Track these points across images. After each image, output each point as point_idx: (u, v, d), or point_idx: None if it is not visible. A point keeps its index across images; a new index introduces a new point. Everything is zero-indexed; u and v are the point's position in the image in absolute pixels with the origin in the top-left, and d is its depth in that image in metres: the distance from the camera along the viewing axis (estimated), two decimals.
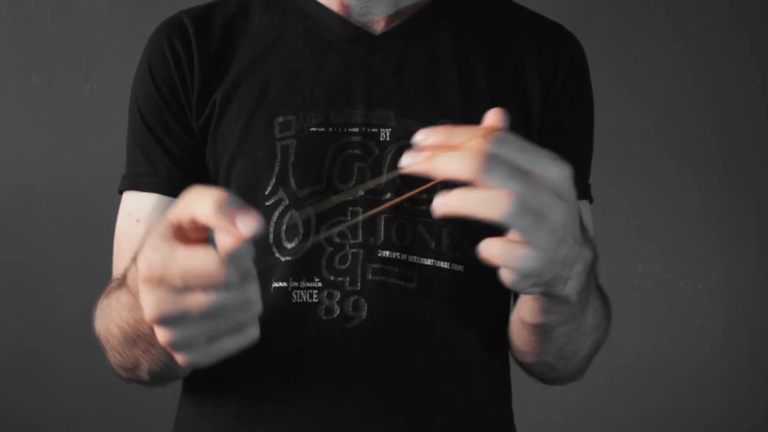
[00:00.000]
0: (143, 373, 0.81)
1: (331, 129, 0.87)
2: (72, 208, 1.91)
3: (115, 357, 0.82)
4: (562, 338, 0.79)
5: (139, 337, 0.74)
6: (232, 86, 0.90)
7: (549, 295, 0.68)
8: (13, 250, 1.90)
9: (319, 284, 0.85)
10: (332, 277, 0.85)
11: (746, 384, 2.01)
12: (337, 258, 0.85)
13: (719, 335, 2.01)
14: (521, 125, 0.90)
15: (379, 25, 0.91)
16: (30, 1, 1.91)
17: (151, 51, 0.93)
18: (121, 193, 0.94)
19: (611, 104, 1.96)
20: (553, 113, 0.91)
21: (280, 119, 0.88)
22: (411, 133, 0.86)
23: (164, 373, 0.81)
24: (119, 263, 0.92)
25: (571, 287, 0.66)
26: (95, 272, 1.87)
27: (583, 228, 0.64)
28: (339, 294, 0.85)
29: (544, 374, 0.89)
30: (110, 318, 0.79)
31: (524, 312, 0.78)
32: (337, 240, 0.85)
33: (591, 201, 0.96)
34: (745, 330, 2.01)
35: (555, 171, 0.55)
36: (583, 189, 0.94)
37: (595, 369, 0.91)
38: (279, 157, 0.87)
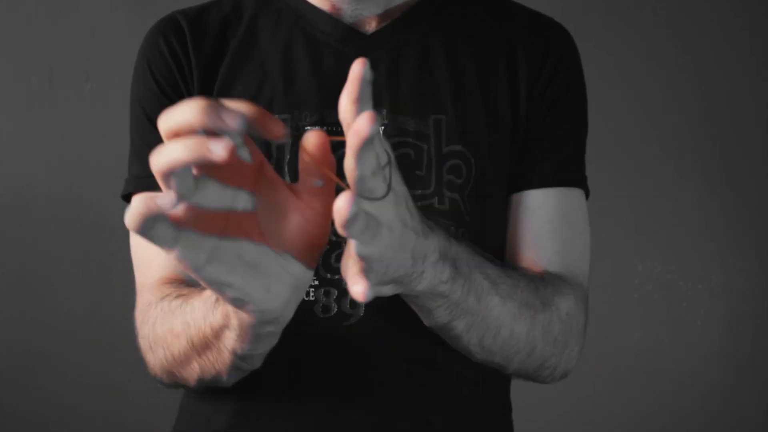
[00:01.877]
0: (189, 376, 0.80)
1: (325, 127, 0.87)
2: (72, 208, 1.91)
3: (166, 356, 0.80)
4: (471, 332, 0.78)
5: (207, 342, 0.74)
6: (228, 87, 0.90)
7: (417, 294, 0.71)
8: (13, 250, 1.90)
9: (316, 282, 0.85)
10: (329, 275, 0.85)
11: (746, 384, 2.01)
12: (333, 256, 0.85)
13: (719, 335, 2.01)
14: (512, 120, 0.90)
15: (370, 25, 0.92)
16: (30, 1, 1.92)
17: (149, 49, 0.93)
18: (128, 196, 0.91)
19: (611, 104, 1.96)
20: (540, 104, 0.91)
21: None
22: (404, 129, 0.87)
23: (212, 382, 0.79)
24: (143, 271, 0.90)
25: (430, 279, 0.69)
26: (95, 272, 1.90)
27: (426, 218, 0.67)
28: (336, 292, 0.85)
29: (505, 372, 0.86)
30: (176, 318, 0.77)
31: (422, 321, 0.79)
32: (333, 238, 0.86)
33: (587, 193, 0.95)
34: (745, 330, 2.01)
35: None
36: (572, 178, 0.93)
37: (595, 369, 0.91)
38: (274, 156, 0.87)
